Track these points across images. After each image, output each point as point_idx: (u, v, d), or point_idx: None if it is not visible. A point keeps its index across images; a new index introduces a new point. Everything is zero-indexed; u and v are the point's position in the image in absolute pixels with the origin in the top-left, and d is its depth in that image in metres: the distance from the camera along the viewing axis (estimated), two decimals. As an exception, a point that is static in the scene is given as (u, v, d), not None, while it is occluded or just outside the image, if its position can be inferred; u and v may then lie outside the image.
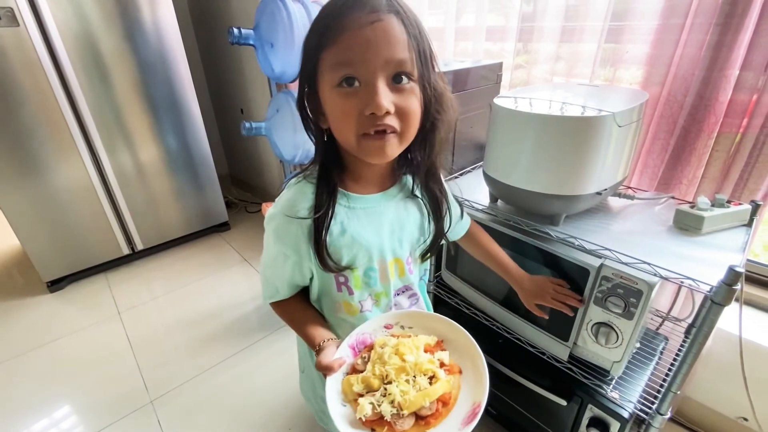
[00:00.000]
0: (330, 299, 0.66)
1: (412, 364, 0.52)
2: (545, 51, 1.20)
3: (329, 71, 0.49)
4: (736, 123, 0.91)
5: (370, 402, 0.49)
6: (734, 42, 0.85)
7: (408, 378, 0.51)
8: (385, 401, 0.49)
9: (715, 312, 0.65)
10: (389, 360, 0.52)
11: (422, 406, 0.49)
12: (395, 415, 0.49)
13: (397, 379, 0.51)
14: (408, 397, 0.49)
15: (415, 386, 0.51)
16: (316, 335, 0.62)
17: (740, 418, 1.14)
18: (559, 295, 0.80)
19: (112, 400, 1.41)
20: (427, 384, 0.51)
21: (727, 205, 0.82)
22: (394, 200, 0.64)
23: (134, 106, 1.95)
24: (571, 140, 0.75)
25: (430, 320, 0.62)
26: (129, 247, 2.15)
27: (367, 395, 0.51)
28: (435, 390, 0.50)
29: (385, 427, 0.48)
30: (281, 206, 0.59)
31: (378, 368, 0.52)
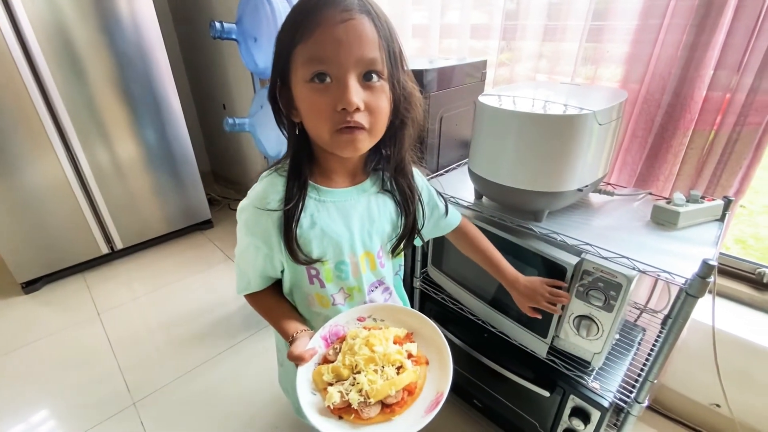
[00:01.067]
0: (302, 292, 0.67)
1: (380, 354, 0.54)
2: (528, 49, 1.22)
3: (302, 67, 0.50)
4: (709, 121, 0.94)
5: (339, 390, 0.51)
6: (709, 42, 0.88)
7: (376, 368, 0.53)
8: (353, 390, 0.51)
9: (690, 303, 0.67)
10: (359, 351, 0.54)
11: (388, 395, 0.51)
12: (362, 403, 0.50)
13: (365, 369, 0.53)
14: (375, 386, 0.51)
15: (382, 376, 0.53)
16: (290, 327, 0.63)
17: (713, 405, 1.19)
18: (553, 298, 0.79)
19: (93, 402, 1.38)
20: (394, 374, 0.53)
21: (701, 201, 0.85)
22: (366, 194, 0.65)
23: (111, 101, 1.90)
24: (554, 138, 0.76)
25: (402, 314, 0.64)
26: (108, 246, 2.10)
27: (336, 384, 0.53)
28: (401, 379, 0.53)
29: (352, 415, 0.50)
30: (252, 198, 0.59)
31: (348, 358, 0.54)
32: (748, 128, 0.89)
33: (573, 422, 0.91)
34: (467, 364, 1.12)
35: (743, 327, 1.08)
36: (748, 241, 2.59)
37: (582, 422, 0.89)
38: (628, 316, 1.11)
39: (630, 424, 0.83)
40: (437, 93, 1.01)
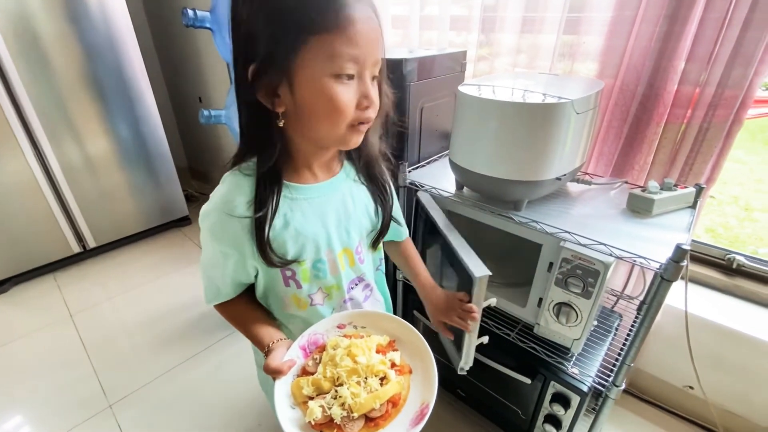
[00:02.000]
0: (277, 295, 0.63)
1: (363, 366, 0.52)
2: (507, 43, 1.22)
3: (326, 59, 0.47)
4: (681, 113, 0.97)
5: (320, 405, 0.49)
6: (681, 34, 0.90)
7: (359, 380, 0.51)
8: (335, 404, 0.49)
9: (665, 288, 0.69)
10: (341, 362, 0.52)
11: (372, 408, 0.49)
12: (345, 418, 0.48)
13: (348, 382, 0.50)
14: (359, 400, 0.49)
15: (366, 388, 0.50)
16: (265, 336, 0.59)
17: (687, 387, 1.23)
18: (464, 314, 0.74)
19: (67, 406, 1.33)
20: (378, 385, 0.51)
21: (674, 189, 0.87)
22: (340, 189, 0.63)
23: (81, 95, 1.82)
24: (532, 127, 0.77)
25: (384, 320, 0.62)
26: (79, 245, 2.02)
27: (317, 398, 0.50)
28: (385, 392, 0.50)
29: (334, 430, 0.48)
30: (216, 202, 0.55)
31: (329, 370, 0.51)
32: (717, 119, 0.91)
33: (554, 408, 0.93)
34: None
35: (714, 311, 1.12)
36: (718, 230, 2.70)
37: (562, 407, 0.91)
38: (606, 303, 1.14)
39: (608, 407, 0.85)
40: (417, 83, 1.00)
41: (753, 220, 2.76)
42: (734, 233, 2.64)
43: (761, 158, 3.56)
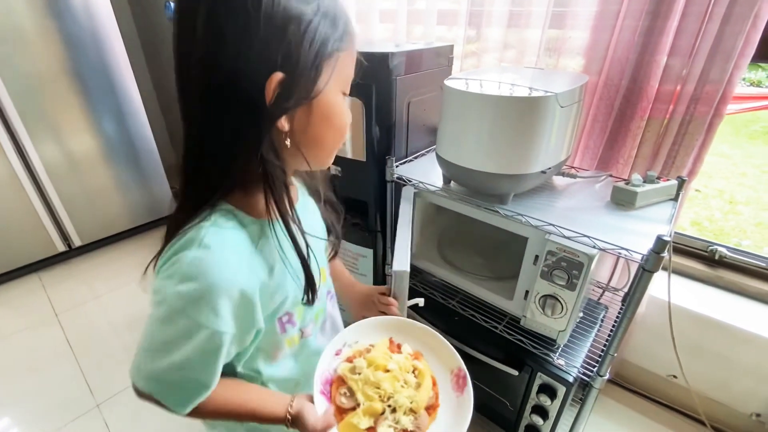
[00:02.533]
0: (267, 349, 0.54)
1: (397, 370, 0.53)
2: (494, 38, 1.23)
3: (345, 77, 0.46)
4: (664, 107, 0.98)
5: (390, 426, 0.49)
6: (663, 28, 0.91)
7: (401, 383, 0.52)
8: (400, 415, 0.49)
9: (646, 278, 0.70)
10: (376, 378, 0.51)
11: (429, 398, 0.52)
12: (414, 422, 0.49)
13: (396, 390, 0.51)
14: (417, 399, 0.51)
15: (407, 386, 0.52)
16: (276, 405, 0.51)
17: (670, 376, 1.26)
18: (383, 306, 0.73)
19: (54, 406, 1.32)
20: (413, 379, 0.53)
21: (657, 181, 0.88)
22: (307, 206, 0.60)
23: (63, 90, 1.78)
24: (516, 120, 0.77)
25: (367, 327, 0.61)
26: (64, 243, 1.98)
27: (380, 423, 0.49)
28: (428, 380, 0.53)
29: None
30: (211, 280, 0.41)
31: (371, 390, 0.51)
32: (698, 113, 0.93)
33: (541, 398, 0.94)
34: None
35: (697, 302, 1.14)
36: (704, 223, 2.75)
37: (549, 398, 0.92)
38: (592, 295, 1.16)
39: (593, 397, 0.87)
40: (404, 77, 1.00)
41: (737, 213, 2.82)
42: (719, 226, 2.70)
43: (745, 152, 3.63)
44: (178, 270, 0.41)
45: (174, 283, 0.41)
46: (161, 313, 0.42)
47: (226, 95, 0.39)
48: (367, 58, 0.96)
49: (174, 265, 0.41)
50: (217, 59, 0.37)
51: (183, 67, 0.39)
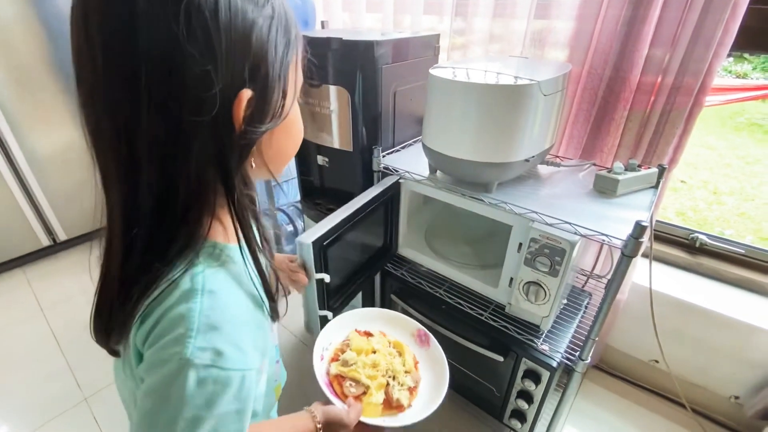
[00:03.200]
0: (269, 395, 0.54)
1: (382, 348, 0.67)
2: (480, 27, 1.23)
3: (299, 83, 0.41)
4: (645, 99, 0.99)
5: (399, 390, 0.62)
6: (645, 17, 0.91)
7: (389, 356, 0.66)
8: (402, 379, 0.64)
9: (626, 263, 0.71)
10: (371, 359, 0.64)
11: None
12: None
13: (389, 362, 0.65)
14: (407, 362, 0.66)
15: (394, 356, 0.67)
16: (303, 425, 0.52)
17: (652, 361, 1.29)
18: (292, 274, 0.74)
19: (41, 400, 1.31)
20: (394, 350, 0.68)
21: (638, 169, 0.90)
22: None
23: (45, 81, 1.74)
24: (499, 108, 0.78)
25: (332, 329, 0.72)
26: (49, 238, 1.95)
27: (390, 390, 0.62)
28: (404, 346, 0.70)
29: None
30: (232, 323, 0.37)
31: (372, 371, 0.63)
32: (679, 102, 0.94)
33: (525, 384, 0.96)
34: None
35: (678, 288, 1.17)
36: (688, 213, 2.80)
37: (533, 383, 0.94)
38: (576, 282, 1.17)
39: (575, 381, 0.89)
40: (390, 66, 1.00)
41: (721, 203, 2.87)
42: (703, 216, 2.75)
43: (730, 144, 3.69)
44: (189, 328, 0.34)
45: (190, 341, 0.33)
46: (190, 398, 0.33)
47: (185, 136, 0.32)
48: (353, 46, 0.96)
49: (177, 326, 0.34)
50: (171, 101, 0.31)
51: (118, 109, 0.32)
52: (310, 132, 1.13)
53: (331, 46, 0.98)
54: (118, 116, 0.32)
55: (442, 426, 1.23)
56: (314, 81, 1.04)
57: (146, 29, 0.28)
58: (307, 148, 1.19)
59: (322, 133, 1.12)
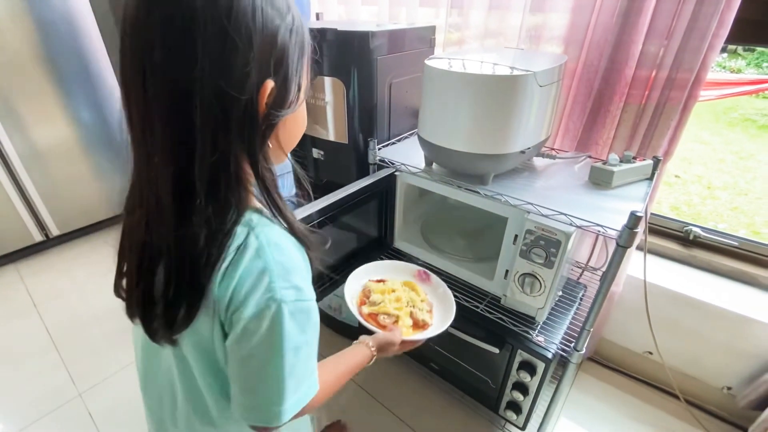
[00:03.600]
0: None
1: (399, 288, 0.85)
2: (476, 23, 1.22)
3: (308, 75, 0.47)
4: (640, 93, 1.00)
5: (420, 313, 0.80)
6: (641, 9, 0.91)
7: (407, 292, 0.85)
8: (420, 306, 0.82)
9: (621, 253, 0.72)
10: (395, 295, 0.82)
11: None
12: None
13: (409, 296, 0.83)
14: (420, 293, 0.86)
15: (410, 291, 0.86)
16: (360, 354, 0.64)
17: (646, 353, 1.30)
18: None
19: (35, 396, 1.30)
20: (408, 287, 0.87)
21: (633, 161, 0.90)
22: None
23: (37, 77, 1.72)
24: (495, 99, 0.77)
25: (354, 278, 0.87)
26: (42, 233, 1.93)
27: (415, 315, 0.79)
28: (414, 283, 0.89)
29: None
30: (300, 266, 0.45)
31: (397, 305, 0.80)
32: (674, 94, 0.95)
33: (521, 375, 0.97)
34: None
35: (672, 280, 1.18)
36: (682, 208, 2.82)
37: (529, 374, 0.95)
38: (571, 274, 1.18)
39: (570, 372, 0.89)
40: (385, 57, 0.99)
41: (714, 197, 2.89)
42: (697, 210, 2.77)
43: (724, 139, 3.72)
44: (271, 276, 0.41)
45: (275, 285, 0.41)
46: (290, 331, 0.42)
47: (229, 113, 0.38)
48: (348, 37, 0.95)
49: (261, 279, 0.41)
50: (223, 81, 0.36)
51: (177, 94, 0.36)
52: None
53: (327, 37, 0.98)
54: (176, 93, 0.36)
55: (438, 417, 1.23)
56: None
57: (203, 22, 0.34)
58: (303, 141, 1.18)
59: (318, 126, 1.11)
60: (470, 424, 1.22)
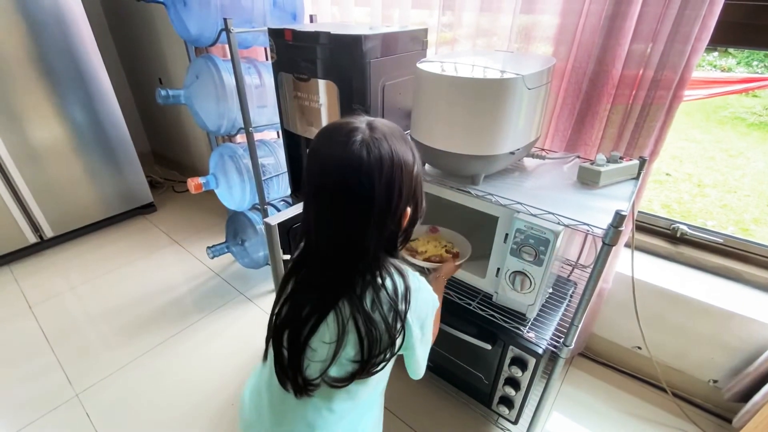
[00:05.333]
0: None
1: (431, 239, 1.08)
2: (468, 23, 1.24)
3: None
4: (627, 93, 1.02)
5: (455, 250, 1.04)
6: (627, 12, 0.93)
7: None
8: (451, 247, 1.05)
9: (607, 251, 0.74)
10: (432, 245, 1.05)
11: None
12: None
13: (439, 240, 1.08)
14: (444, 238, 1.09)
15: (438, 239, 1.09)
16: (437, 287, 0.85)
17: (635, 347, 1.33)
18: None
19: (32, 397, 1.30)
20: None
21: (620, 161, 0.92)
22: None
23: (28, 76, 1.71)
24: (485, 102, 0.79)
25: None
26: (36, 235, 1.93)
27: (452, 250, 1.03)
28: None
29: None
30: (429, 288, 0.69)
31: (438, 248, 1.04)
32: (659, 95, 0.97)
33: (512, 371, 0.99)
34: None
35: (659, 277, 1.20)
36: (672, 206, 2.86)
37: (520, 370, 0.97)
38: (562, 272, 1.20)
39: (559, 366, 0.91)
40: (378, 60, 1.01)
41: (704, 195, 2.93)
42: (687, 208, 2.81)
43: (714, 137, 3.77)
44: (421, 291, 0.65)
45: (425, 300, 0.65)
46: (431, 318, 0.68)
47: (390, 223, 0.59)
48: (341, 40, 0.97)
49: (417, 294, 0.63)
50: (390, 208, 0.57)
51: (364, 209, 0.56)
52: (300, 127, 1.14)
53: (320, 41, 0.99)
54: (367, 205, 0.56)
55: (433, 413, 1.25)
56: (303, 75, 1.05)
57: (377, 184, 0.55)
58: (297, 143, 1.20)
59: (312, 127, 1.12)
60: (464, 420, 1.24)
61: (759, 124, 3.87)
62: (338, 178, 0.55)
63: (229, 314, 1.65)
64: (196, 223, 2.28)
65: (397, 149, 0.56)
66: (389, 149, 0.55)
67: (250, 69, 1.41)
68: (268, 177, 1.53)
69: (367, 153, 0.54)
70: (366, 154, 0.54)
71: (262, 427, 0.67)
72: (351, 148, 0.54)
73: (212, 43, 1.22)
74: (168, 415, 1.26)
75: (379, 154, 0.54)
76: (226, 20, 1.13)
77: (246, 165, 1.51)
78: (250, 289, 1.79)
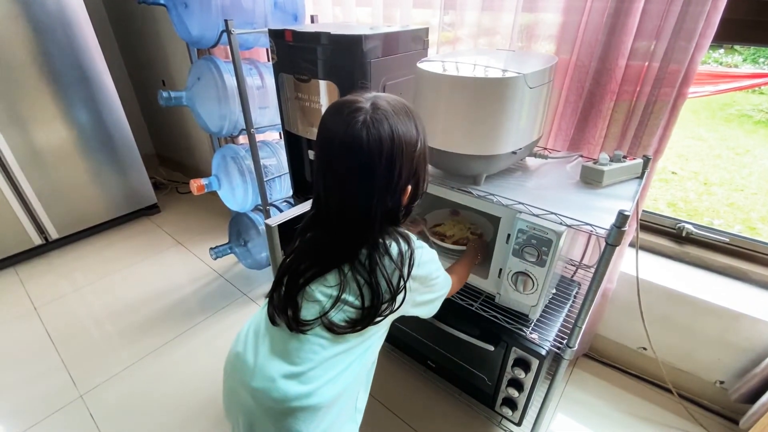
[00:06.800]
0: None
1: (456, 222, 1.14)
2: (469, 23, 1.23)
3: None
4: (630, 90, 1.01)
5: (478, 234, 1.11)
6: (630, 9, 0.92)
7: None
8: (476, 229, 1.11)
9: (610, 252, 0.73)
10: (460, 223, 1.13)
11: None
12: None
13: (464, 223, 1.13)
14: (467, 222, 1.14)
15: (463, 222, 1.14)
16: (472, 257, 0.98)
17: (640, 348, 1.31)
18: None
19: (36, 398, 1.31)
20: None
21: (623, 160, 0.91)
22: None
23: (31, 78, 1.72)
24: (486, 101, 0.78)
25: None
26: (41, 236, 1.95)
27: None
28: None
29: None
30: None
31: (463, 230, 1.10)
32: (663, 93, 0.96)
33: (515, 372, 0.98)
34: (419, 328, 1.16)
35: (665, 277, 1.19)
36: (679, 204, 2.83)
37: (523, 371, 0.96)
38: (565, 272, 1.19)
39: (563, 367, 0.91)
40: (379, 60, 1.00)
41: (711, 193, 2.90)
42: (693, 206, 2.79)
43: (721, 135, 3.73)
44: (423, 252, 0.69)
45: (428, 260, 0.71)
46: (438, 267, 0.75)
47: (394, 194, 0.63)
48: (342, 41, 0.96)
49: (419, 253, 0.68)
50: (389, 186, 0.61)
51: (365, 186, 0.60)
52: (301, 127, 1.13)
53: (321, 41, 0.99)
54: (368, 183, 0.60)
55: (436, 414, 1.25)
56: (304, 76, 1.05)
57: (378, 163, 0.58)
58: (298, 143, 1.19)
59: (313, 128, 1.12)
60: (467, 421, 1.23)
61: (766, 122, 3.82)
62: (340, 154, 0.58)
63: (233, 315, 1.65)
64: (199, 225, 2.29)
65: (399, 129, 0.58)
66: (389, 130, 0.57)
67: (251, 70, 1.42)
68: (270, 178, 1.53)
69: (367, 134, 0.56)
70: (366, 134, 0.56)
71: (251, 355, 0.66)
72: (353, 128, 0.56)
73: (213, 44, 1.23)
74: (172, 416, 1.26)
75: (379, 136, 0.56)
76: (227, 21, 1.13)
77: (248, 166, 1.51)
78: (253, 290, 1.79)
